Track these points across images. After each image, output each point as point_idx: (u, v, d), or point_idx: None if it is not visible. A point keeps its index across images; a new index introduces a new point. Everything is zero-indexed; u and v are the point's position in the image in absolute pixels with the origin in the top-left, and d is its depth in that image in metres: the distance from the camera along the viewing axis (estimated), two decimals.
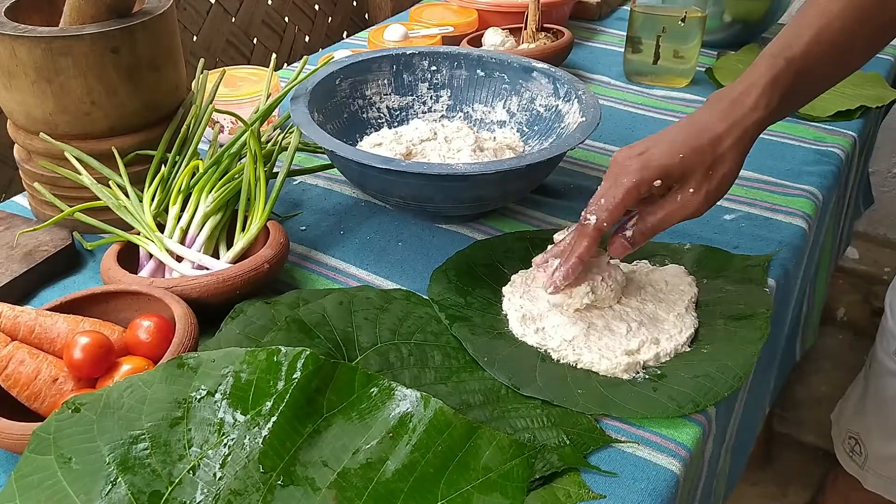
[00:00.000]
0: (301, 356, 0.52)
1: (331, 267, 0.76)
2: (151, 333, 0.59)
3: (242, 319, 0.63)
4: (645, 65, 1.14)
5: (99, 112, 0.73)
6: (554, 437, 0.55)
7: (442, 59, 0.93)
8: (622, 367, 0.61)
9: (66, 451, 0.48)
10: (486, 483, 0.51)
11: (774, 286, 0.74)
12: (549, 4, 1.22)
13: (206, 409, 0.51)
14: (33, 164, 0.77)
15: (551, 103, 0.88)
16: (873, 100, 1.08)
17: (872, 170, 1.74)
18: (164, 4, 0.76)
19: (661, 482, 0.54)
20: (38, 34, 0.68)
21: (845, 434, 1.05)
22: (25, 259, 0.72)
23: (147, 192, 0.73)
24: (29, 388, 0.55)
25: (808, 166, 0.94)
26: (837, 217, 1.13)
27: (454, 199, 0.76)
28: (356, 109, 0.91)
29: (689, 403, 0.58)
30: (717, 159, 0.62)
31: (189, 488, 0.48)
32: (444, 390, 0.59)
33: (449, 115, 0.94)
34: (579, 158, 0.95)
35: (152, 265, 0.70)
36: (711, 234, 0.79)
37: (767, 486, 1.46)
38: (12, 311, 0.58)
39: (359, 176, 0.77)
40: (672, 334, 0.64)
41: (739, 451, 0.79)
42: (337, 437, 0.51)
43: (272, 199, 0.73)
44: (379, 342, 0.62)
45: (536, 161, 0.72)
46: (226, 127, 0.94)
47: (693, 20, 1.09)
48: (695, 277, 0.71)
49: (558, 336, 0.63)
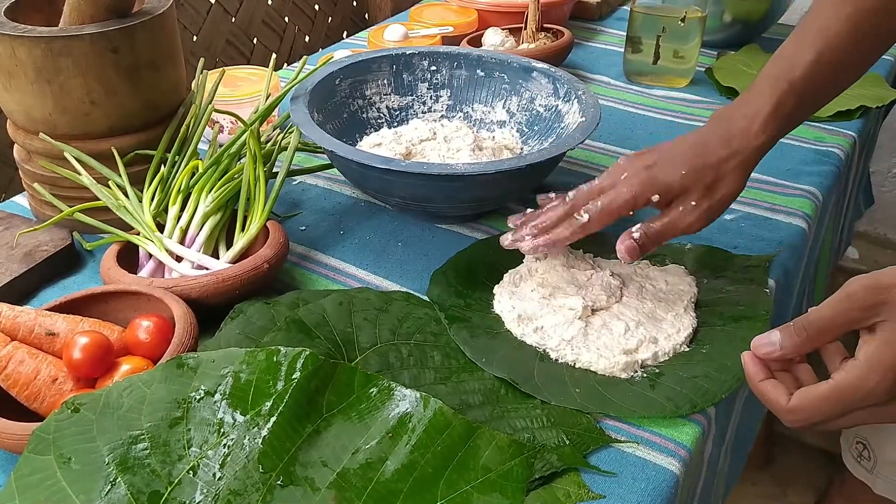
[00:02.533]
0: (300, 356, 0.52)
1: (330, 267, 0.76)
2: (151, 333, 0.59)
3: (242, 319, 0.63)
4: (645, 65, 1.14)
5: (99, 112, 0.73)
6: (553, 437, 0.55)
7: (442, 59, 0.93)
8: (620, 367, 0.61)
9: (65, 451, 0.48)
10: (486, 483, 0.51)
11: (774, 286, 0.74)
12: (549, 4, 1.22)
13: (205, 409, 0.51)
14: (33, 164, 0.77)
15: (551, 103, 0.88)
16: (873, 100, 1.08)
17: (872, 170, 1.74)
18: (164, 4, 0.76)
19: (660, 482, 0.54)
20: (38, 34, 0.68)
21: (853, 439, 1.05)
22: (25, 259, 0.72)
23: (147, 192, 0.73)
24: (28, 388, 0.55)
25: (808, 166, 0.94)
26: (837, 217, 1.13)
27: (454, 199, 0.75)
28: (356, 109, 0.91)
29: (687, 404, 0.58)
30: (719, 178, 0.64)
31: (188, 488, 0.48)
32: (443, 390, 0.59)
33: (449, 115, 0.94)
34: (579, 158, 0.95)
35: (152, 265, 0.70)
36: (711, 234, 0.79)
37: (767, 486, 1.46)
38: (12, 311, 0.58)
39: (358, 176, 0.77)
40: (670, 334, 0.64)
41: (739, 451, 0.79)
42: (336, 438, 0.51)
43: (272, 199, 0.73)
44: (378, 342, 0.62)
45: (536, 161, 0.72)
46: (225, 127, 0.94)
47: (693, 20, 1.09)
48: (695, 277, 0.71)
49: (557, 335, 0.63)
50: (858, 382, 0.48)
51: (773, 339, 0.51)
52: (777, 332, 0.51)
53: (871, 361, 0.47)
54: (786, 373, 0.53)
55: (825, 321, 0.49)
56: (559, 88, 0.87)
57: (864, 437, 1.03)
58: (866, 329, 0.49)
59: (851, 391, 0.48)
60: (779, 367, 0.53)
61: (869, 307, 0.48)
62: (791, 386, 0.51)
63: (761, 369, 0.52)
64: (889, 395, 0.48)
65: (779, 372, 0.52)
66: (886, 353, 0.47)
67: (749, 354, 0.53)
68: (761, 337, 0.52)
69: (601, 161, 0.95)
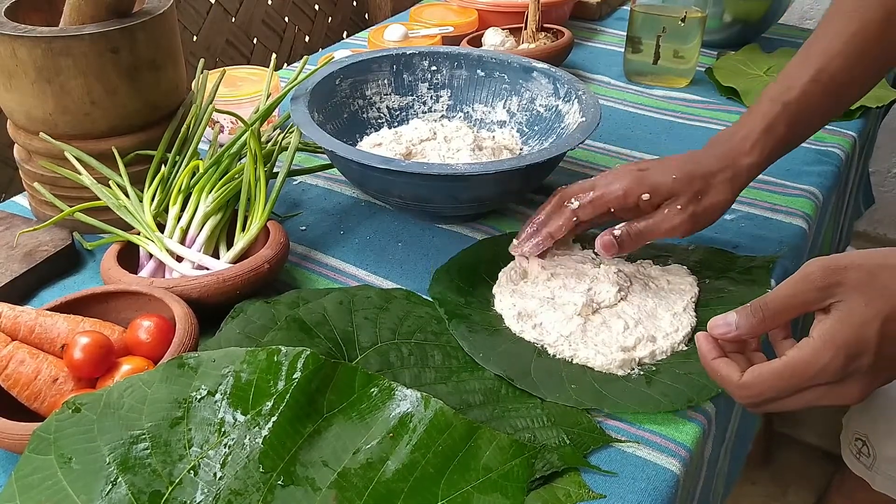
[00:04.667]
0: (301, 356, 0.52)
1: (331, 267, 0.76)
2: (151, 333, 0.59)
3: (242, 319, 0.63)
4: (645, 65, 1.14)
5: (99, 112, 0.73)
6: (554, 437, 0.55)
7: (442, 59, 0.93)
8: (617, 364, 0.61)
9: (66, 451, 0.48)
10: (487, 483, 0.51)
11: (774, 286, 0.74)
12: (549, 4, 1.22)
13: (206, 408, 0.51)
14: (33, 164, 0.77)
15: (551, 103, 0.88)
16: (873, 100, 1.08)
17: (872, 170, 1.74)
18: (164, 4, 0.76)
19: (660, 482, 0.54)
20: (38, 34, 0.68)
21: (852, 435, 1.05)
22: (25, 259, 0.72)
23: (147, 192, 0.73)
24: (29, 388, 0.55)
25: (808, 166, 0.94)
26: (837, 217, 1.13)
27: (454, 198, 0.76)
28: (356, 109, 0.91)
29: (683, 399, 0.58)
30: (708, 187, 0.66)
31: (189, 488, 0.48)
32: (444, 390, 0.59)
33: (449, 115, 0.94)
34: (579, 158, 0.95)
35: (152, 265, 0.70)
36: (711, 234, 0.79)
37: (767, 485, 1.46)
38: (12, 311, 0.58)
39: (359, 176, 0.77)
40: (669, 332, 0.64)
41: (738, 450, 0.79)
42: (337, 437, 0.51)
43: (272, 199, 0.73)
44: (379, 342, 0.63)
45: (536, 161, 0.72)
46: (226, 127, 0.94)
47: (693, 20, 1.09)
48: (697, 277, 0.71)
49: (556, 332, 0.64)
50: (811, 359, 0.48)
51: (728, 319, 0.51)
52: (733, 314, 0.51)
53: (825, 338, 0.48)
54: (740, 355, 0.53)
55: (781, 301, 0.50)
56: (559, 88, 0.87)
57: (863, 434, 1.03)
58: (821, 310, 0.49)
59: (803, 367, 0.48)
60: (733, 349, 0.53)
61: (825, 287, 0.48)
62: (744, 366, 0.51)
63: (714, 347, 0.52)
64: (841, 373, 0.48)
65: (733, 353, 0.53)
66: (840, 331, 0.47)
67: (703, 334, 0.53)
68: (717, 318, 0.52)
69: (601, 161, 0.95)
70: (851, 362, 0.47)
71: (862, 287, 0.48)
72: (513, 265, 0.72)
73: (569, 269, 0.69)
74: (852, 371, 0.48)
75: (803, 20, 1.84)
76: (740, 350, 0.53)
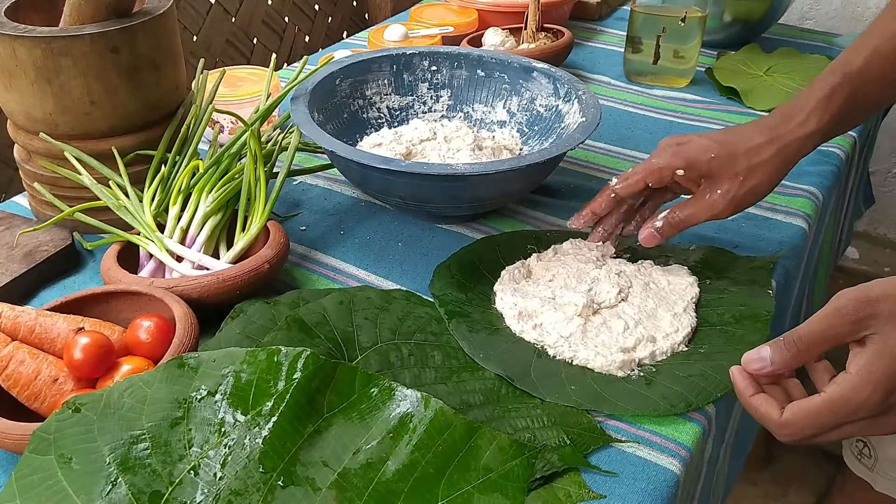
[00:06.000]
0: (301, 356, 0.52)
1: (331, 267, 0.76)
2: (152, 333, 0.59)
3: (242, 319, 0.63)
4: (645, 65, 1.14)
5: (99, 112, 0.73)
6: (554, 437, 0.55)
7: (442, 59, 0.93)
8: (617, 365, 0.61)
9: (66, 452, 0.48)
10: (487, 483, 0.51)
11: (774, 286, 0.74)
12: (549, 4, 1.22)
13: (206, 409, 0.51)
14: (33, 164, 0.77)
15: (551, 103, 0.88)
16: None
17: (872, 170, 1.74)
18: (164, 4, 0.76)
19: (661, 482, 0.54)
20: (38, 34, 0.68)
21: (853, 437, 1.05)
22: (25, 259, 0.72)
23: (147, 192, 0.73)
24: (29, 388, 0.55)
25: (808, 166, 0.94)
26: (837, 217, 1.13)
27: (454, 199, 0.76)
28: (356, 109, 0.91)
29: (682, 402, 0.58)
30: (750, 168, 0.63)
31: (189, 488, 0.48)
32: (444, 390, 0.59)
33: (449, 115, 0.94)
34: (579, 158, 0.95)
35: (152, 265, 0.70)
36: (711, 234, 0.79)
37: (767, 486, 1.46)
38: (12, 311, 0.58)
39: (359, 176, 0.77)
40: (669, 333, 0.64)
41: (738, 451, 0.79)
42: (337, 438, 0.51)
43: (272, 199, 0.73)
44: (379, 342, 0.63)
45: (536, 161, 0.72)
46: (226, 127, 0.94)
47: (693, 20, 1.09)
48: (698, 278, 0.71)
49: (556, 332, 0.64)
50: (850, 395, 0.47)
51: (763, 354, 0.51)
52: (767, 348, 0.51)
53: (863, 374, 0.47)
54: (775, 386, 0.52)
55: (815, 336, 0.49)
56: (559, 88, 0.87)
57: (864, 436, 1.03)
58: (856, 342, 0.49)
59: (843, 404, 0.48)
60: (768, 381, 0.52)
61: (858, 321, 0.48)
62: (782, 400, 0.51)
63: (751, 384, 0.52)
64: (880, 407, 0.48)
65: (768, 386, 0.52)
66: (877, 366, 0.47)
67: (738, 369, 0.52)
68: (751, 353, 0.52)
69: (601, 161, 0.95)
70: (890, 395, 0.47)
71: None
72: (518, 264, 0.72)
73: (570, 269, 0.70)
74: (892, 403, 0.48)
75: (803, 20, 1.84)
76: (775, 381, 0.53)
